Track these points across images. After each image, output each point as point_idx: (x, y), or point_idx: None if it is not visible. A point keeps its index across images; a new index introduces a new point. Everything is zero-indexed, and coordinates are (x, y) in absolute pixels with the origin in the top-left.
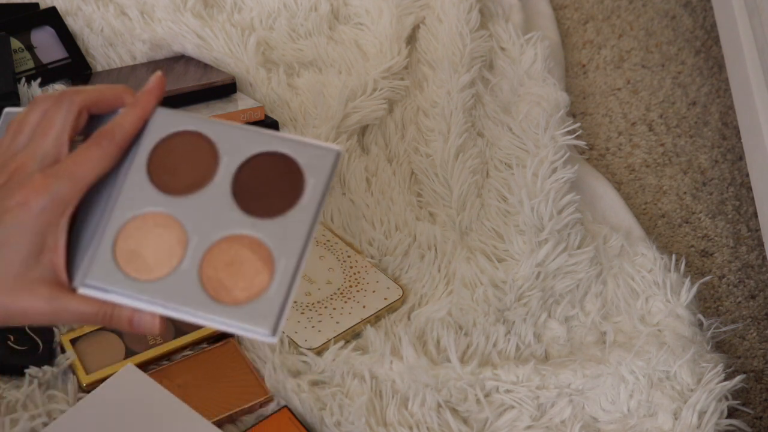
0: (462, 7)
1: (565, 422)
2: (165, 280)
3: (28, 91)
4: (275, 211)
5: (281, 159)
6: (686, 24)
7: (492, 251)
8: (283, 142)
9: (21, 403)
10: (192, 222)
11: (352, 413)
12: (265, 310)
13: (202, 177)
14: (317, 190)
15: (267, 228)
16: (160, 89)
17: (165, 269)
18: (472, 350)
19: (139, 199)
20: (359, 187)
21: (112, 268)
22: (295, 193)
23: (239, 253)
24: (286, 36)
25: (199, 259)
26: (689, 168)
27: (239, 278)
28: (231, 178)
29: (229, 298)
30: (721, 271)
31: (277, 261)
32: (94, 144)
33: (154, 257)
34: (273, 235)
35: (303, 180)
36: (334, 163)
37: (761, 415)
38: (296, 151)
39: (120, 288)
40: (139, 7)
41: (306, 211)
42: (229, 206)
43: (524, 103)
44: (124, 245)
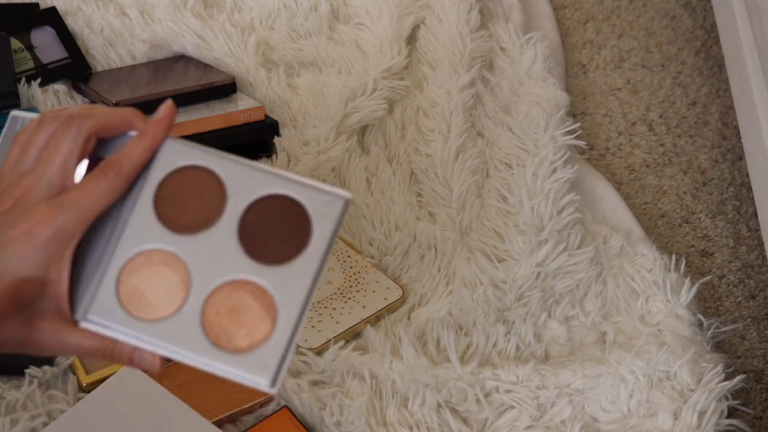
0: (462, 7)
1: (565, 422)
2: (167, 321)
3: (28, 91)
4: (280, 258)
5: (289, 203)
6: (686, 24)
7: (492, 251)
8: (293, 185)
9: (21, 403)
10: (196, 263)
11: (352, 413)
12: (265, 360)
13: (209, 216)
14: (323, 240)
15: (271, 275)
16: (170, 119)
17: (167, 310)
18: (472, 350)
19: (145, 234)
20: (359, 187)
21: (114, 305)
22: (302, 240)
23: (242, 299)
24: (286, 36)
25: (201, 303)
26: (689, 168)
27: (241, 325)
28: (238, 219)
29: (230, 345)
30: (721, 271)
31: (280, 310)
32: (101, 175)
33: (157, 297)
34: (277, 283)
35: (310, 227)
36: (342, 211)
37: (761, 415)
38: (305, 196)
39: (121, 326)
40: (139, 7)
41: (311, 260)
42: (234, 249)
43: (524, 103)
44: (128, 282)
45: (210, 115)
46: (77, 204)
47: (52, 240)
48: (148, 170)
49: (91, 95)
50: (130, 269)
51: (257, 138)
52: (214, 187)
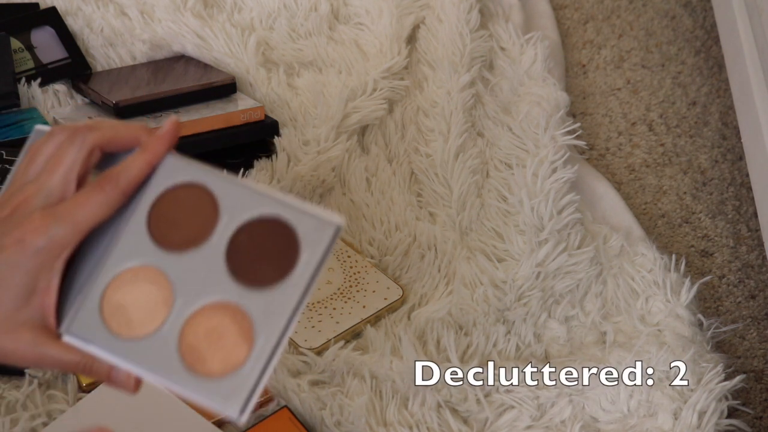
0: (462, 7)
1: (565, 422)
2: (144, 341)
3: (28, 91)
4: (264, 281)
5: (280, 226)
6: (686, 24)
7: (492, 251)
8: (286, 207)
9: (21, 403)
10: (181, 282)
11: (352, 413)
12: (236, 388)
13: (200, 234)
14: (310, 266)
15: (253, 299)
16: (173, 135)
17: (147, 329)
18: (472, 350)
19: (135, 250)
20: (359, 187)
21: (96, 320)
22: (288, 265)
23: (222, 322)
24: (286, 36)
25: (181, 324)
26: (689, 168)
27: (217, 349)
28: (227, 239)
29: (204, 369)
30: (721, 271)
31: (258, 337)
32: (98, 188)
33: (138, 314)
34: (258, 307)
35: (298, 252)
36: (332, 237)
37: (761, 415)
38: (297, 220)
39: (100, 342)
40: (139, 7)
41: (295, 286)
42: (220, 270)
43: (524, 103)
44: (112, 297)
45: (210, 115)
46: (71, 215)
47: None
48: (145, 186)
49: (91, 95)
50: (117, 285)
51: (257, 138)
52: (208, 205)
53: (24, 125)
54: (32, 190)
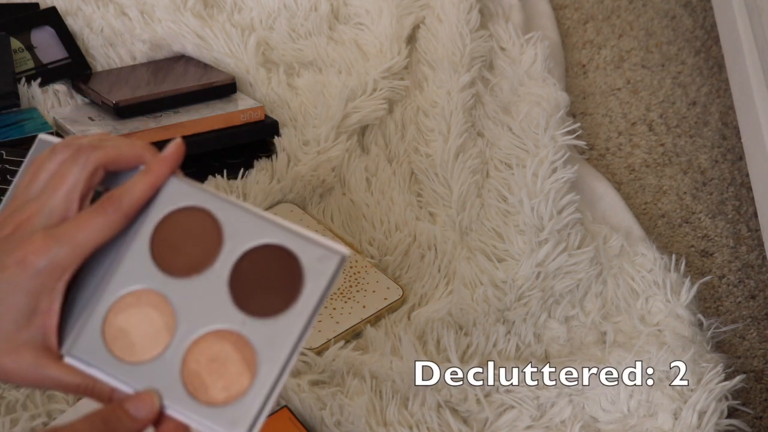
0: (462, 7)
1: (565, 422)
2: (147, 365)
3: (28, 91)
4: (268, 310)
5: (284, 254)
6: (686, 24)
7: (492, 251)
8: (291, 236)
9: (21, 403)
10: (184, 308)
11: (352, 413)
12: (239, 417)
13: (203, 260)
14: (314, 296)
15: (256, 328)
16: (177, 158)
17: (149, 354)
18: (472, 350)
19: (137, 274)
20: (359, 187)
21: (98, 343)
22: (292, 294)
23: (224, 349)
24: (286, 36)
25: (183, 350)
26: (689, 168)
27: (220, 377)
28: (231, 266)
29: (206, 396)
30: (721, 271)
31: (261, 366)
32: (100, 209)
33: (141, 339)
34: (261, 336)
35: (302, 282)
36: (337, 268)
37: (761, 415)
38: (301, 248)
39: (102, 366)
40: (139, 7)
41: (299, 316)
42: (223, 297)
43: (524, 103)
44: (114, 321)
45: (210, 115)
46: (73, 237)
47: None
48: (148, 208)
49: (91, 95)
50: (119, 308)
51: (257, 138)
52: (212, 230)
53: (24, 125)
54: (34, 208)
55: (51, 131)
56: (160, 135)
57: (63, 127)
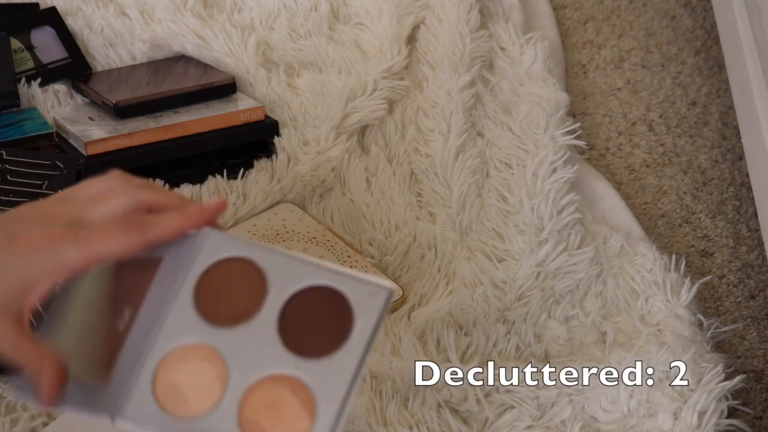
0: (462, 7)
1: (565, 422)
2: (203, 419)
3: (28, 91)
4: (320, 351)
5: (331, 294)
6: (686, 24)
7: (492, 251)
8: (335, 276)
9: (21, 403)
10: (234, 357)
11: (352, 413)
12: None
13: (249, 308)
14: (365, 332)
15: (311, 369)
16: (216, 211)
17: (203, 406)
18: (472, 350)
19: (184, 328)
20: (359, 187)
21: (149, 401)
22: (343, 333)
23: (281, 395)
24: (286, 36)
25: (238, 399)
26: (689, 168)
27: (279, 422)
28: (278, 311)
29: None
30: (721, 271)
31: (319, 407)
32: (124, 228)
33: (193, 393)
34: (316, 377)
35: (352, 319)
36: (385, 302)
37: (761, 415)
38: (347, 287)
39: (156, 422)
40: (139, 7)
41: (352, 354)
42: (273, 343)
43: (524, 103)
44: (164, 377)
45: (210, 115)
46: (88, 242)
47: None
48: (191, 262)
49: (91, 95)
50: (168, 364)
51: (257, 138)
52: (255, 278)
53: (24, 125)
54: (69, 210)
55: (51, 131)
56: (160, 135)
57: (63, 127)
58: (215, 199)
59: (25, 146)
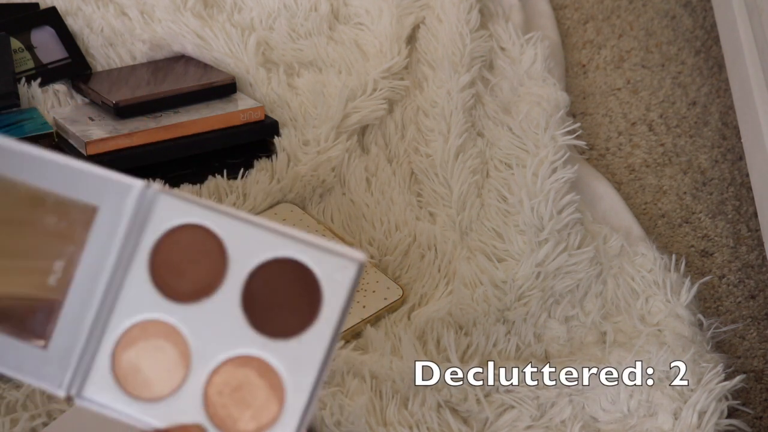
0: (462, 7)
1: (565, 422)
2: (166, 401)
3: (28, 91)
4: (289, 330)
5: (297, 267)
6: (686, 24)
7: (492, 251)
8: (300, 246)
9: (21, 403)
10: (197, 336)
11: (352, 413)
12: None
13: (210, 282)
14: (335, 310)
15: (279, 350)
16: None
17: (166, 389)
18: (472, 350)
19: (140, 303)
20: (359, 187)
21: (109, 382)
22: (312, 310)
23: (248, 377)
24: (286, 36)
25: (203, 381)
26: (689, 168)
27: (247, 406)
28: (241, 286)
29: (235, 428)
30: (721, 271)
31: (288, 390)
32: None
33: (155, 374)
34: (285, 359)
35: (320, 295)
36: (356, 276)
37: (761, 415)
38: (314, 260)
39: (119, 405)
40: (139, 7)
41: (322, 333)
42: (238, 320)
43: (524, 103)
44: (124, 357)
45: (210, 115)
46: None
47: None
48: (141, 230)
49: (91, 95)
50: (126, 343)
51: (257, 138)
52: (214, 248)
53: (24, 125)
54: None
55: (51, 131)
56: (160, 135)
57: (63, 127)
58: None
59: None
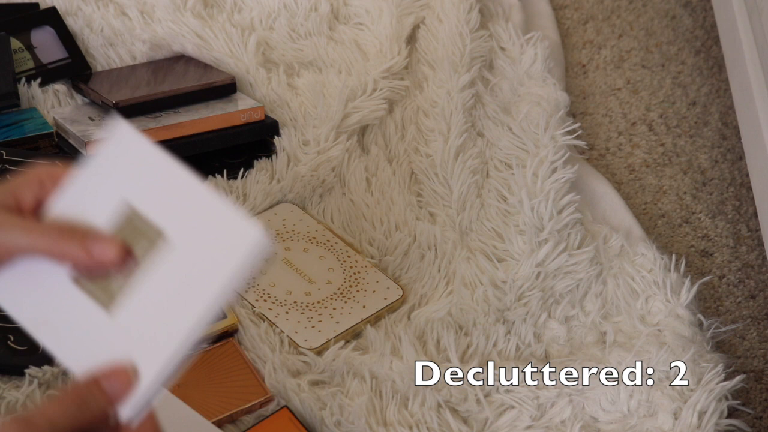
0: (462, 7)
1: (565, 422)
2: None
3: (28, 91)
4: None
5: None
6: (686, 24)
7: (492, 251)
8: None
9: (21, 403)
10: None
11: (352, 413)
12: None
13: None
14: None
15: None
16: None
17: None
18: (472, 350)
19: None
20: (359, 187)
21: None
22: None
23: None
24: (286, 36)
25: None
26: (689, 168)
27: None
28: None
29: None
30: (721, 271)
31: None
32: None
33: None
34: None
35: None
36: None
37: (761, 415)
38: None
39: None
40: (139, 7)
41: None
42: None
43: (524, 103)
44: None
45: (210, 115)
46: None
47: None
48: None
49: (91, 95)
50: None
51: (257, 138)
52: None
53: (24, 125)
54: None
55: (51, 131)
56: (160, 135)
57: (63, 127)
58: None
59: (25, 146)
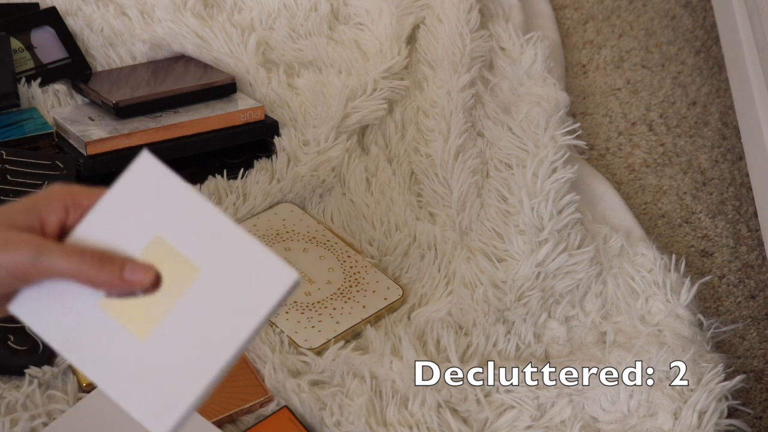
0: (462, 7)
1: (565, 422)
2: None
3: (28, 91)
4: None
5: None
6: (686, 24)
7: (492, 251)
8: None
9: (21, 403)
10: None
11: (352, 413)
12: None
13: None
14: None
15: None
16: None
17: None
18: (472, 350)
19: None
20: (359, 187)
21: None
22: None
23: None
24: (286, 36)
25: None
26: (689, 168)
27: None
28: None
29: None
30: (721, 271)
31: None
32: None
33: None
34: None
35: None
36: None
37: (761, 415)
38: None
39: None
40: (139, 7)
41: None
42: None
43: (524, 103)
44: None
45: (210, 115)
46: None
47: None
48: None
49: (91, 95)
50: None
51: (257, 138)
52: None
53: (24, 125)
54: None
55: (51, 131)
56: (160, 135)
57: (63, 127)
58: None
59: (25, 146)
